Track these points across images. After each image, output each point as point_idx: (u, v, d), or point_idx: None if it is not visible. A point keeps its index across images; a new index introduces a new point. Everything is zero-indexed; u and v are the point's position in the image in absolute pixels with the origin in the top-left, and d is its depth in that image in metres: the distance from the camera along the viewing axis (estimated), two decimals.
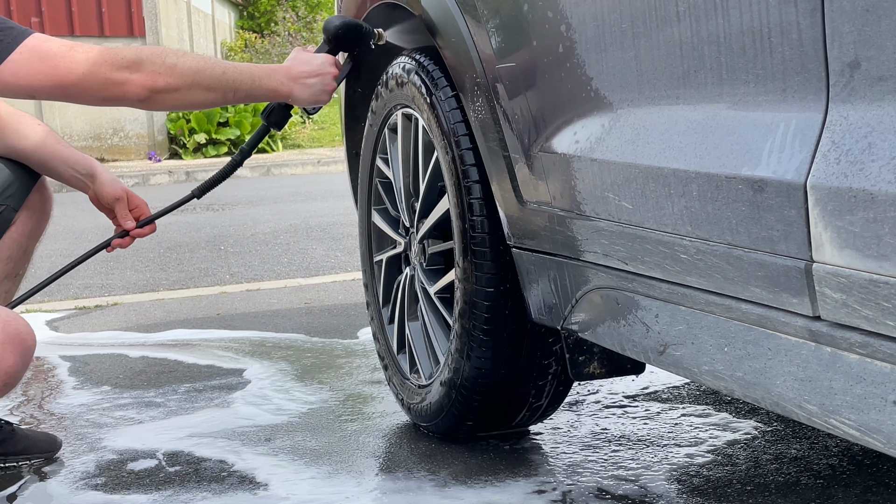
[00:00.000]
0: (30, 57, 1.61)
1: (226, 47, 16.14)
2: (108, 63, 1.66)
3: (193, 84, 1.73)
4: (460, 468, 1.80)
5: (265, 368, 2.55)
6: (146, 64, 1.68)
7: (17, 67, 1.61)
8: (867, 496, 1.59)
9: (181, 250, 4.76)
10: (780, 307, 1.05)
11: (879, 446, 0.96)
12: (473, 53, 1.64)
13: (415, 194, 1.96)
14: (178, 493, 1.75)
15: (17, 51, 1.60)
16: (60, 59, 1.63)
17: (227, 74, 1.77)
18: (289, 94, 1.85)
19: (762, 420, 1.96)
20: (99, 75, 1.66)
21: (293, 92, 1.85)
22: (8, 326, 1.58)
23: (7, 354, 1.56)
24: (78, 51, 1.66)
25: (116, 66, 1.67)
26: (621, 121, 1.31)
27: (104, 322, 3.28)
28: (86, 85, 1.67)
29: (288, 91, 1.84)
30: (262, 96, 1.84)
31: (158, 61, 1.70)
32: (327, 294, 3.60)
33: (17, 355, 1.58)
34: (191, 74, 1.72)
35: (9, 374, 1.58)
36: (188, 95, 1.74)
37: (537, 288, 1.59)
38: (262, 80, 1.80)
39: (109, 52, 1.68)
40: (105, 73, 1.66)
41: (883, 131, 0.91)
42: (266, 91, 1.82)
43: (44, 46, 1.63)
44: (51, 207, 2.01)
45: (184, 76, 1.72)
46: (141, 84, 1.68)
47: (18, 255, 1.95)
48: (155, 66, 1.69)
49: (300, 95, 1.86)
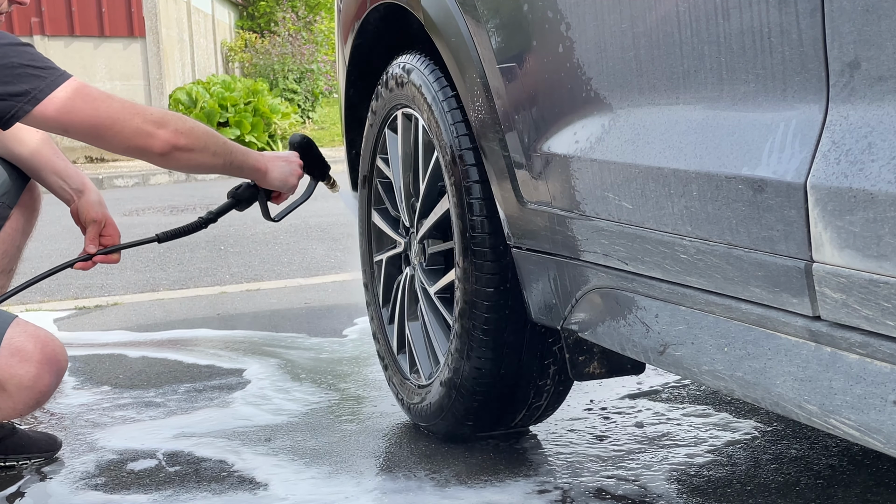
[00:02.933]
0: (74, 96, 1.72)
1: (226, 47, 16.14)
2: (141, 115, 1.78)
3: (205, 148, 1.87)
4: (460, 468, 1.80)
5: (265, 368, 2.55)
6: (170, 123, 1.81)
7: (62, 104, 1.71)
8: (867, 496, 1.59)
9: (181, 250, 4.75)
10: (780, 307, 1.05)
11: (879, 446, 0.96)
12: (473, 53, 1.63)
13: (415, 194, 1.96)
14: (178, 493, 1.75)
15: (63, 88, 1.71)
16: (101, 102, 1.75)
17: (227, 144, 1.93)
18: (265, 171, 2.01)
19: (762, 420, 1.96)
20: (133, 124, 1.77)
21: (268, 169, 2.01)
22: (46, 347, 1.71)
23: (44, 374, 1.70)
24: (115, 99, 1.79)
25: (147, 119, 1.79)
26: (621, 121, 1.31)
27: (104, 322, 3.28)
28: (119, 129, 1.77)
29: (265, 167, 1.99)
30: (248, 169, 1.98)
31: (180, 123, 1.83)
32: (327, 294, 3.60)
33: (52, 375, 1.72)
34: (203, 139, 1.86)
35: (43, 394, 1.72)
36: (199, 157, 1.87)
37: (537, 288, 1.59)
38: (249, 155, 1.97)
39: (140, 106, 1.83)
40: (138, 122, 1.77)
41: (883, 131, 0.91)
42: (251, 165, 1.97)
43: (86, 90, 1.75)
44: (40, 205, 2.08)
45: (199, 139, 1.85)
46: (165, 140, 1.79)
47: (12, 251, 2.01)
48: (177, 126, 1.81)
49: (273, 174, 2.02)
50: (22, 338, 1.69)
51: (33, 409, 1.74)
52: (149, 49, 11.40)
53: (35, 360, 1.69)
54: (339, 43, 2.40)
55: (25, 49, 1.71)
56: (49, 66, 1.72)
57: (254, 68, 14.99)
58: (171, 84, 11.85)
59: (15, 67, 1.67)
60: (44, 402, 1.75)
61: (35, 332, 1.73)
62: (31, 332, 1.72)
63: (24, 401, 1.70)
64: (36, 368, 1.69)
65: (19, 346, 1.68)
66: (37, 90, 1.68)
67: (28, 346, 1.69)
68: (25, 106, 1.68)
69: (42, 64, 1.71)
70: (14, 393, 1.68)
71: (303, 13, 17.29)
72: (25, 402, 1.71)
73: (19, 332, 1.70)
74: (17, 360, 1.67)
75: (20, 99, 1.67)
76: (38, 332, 1.73)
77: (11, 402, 1.70)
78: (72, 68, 11.48)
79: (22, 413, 1.74)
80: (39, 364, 1.69)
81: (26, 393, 1.69)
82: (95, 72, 11.22)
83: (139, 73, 11.45)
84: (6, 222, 1.97)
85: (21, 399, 1.69)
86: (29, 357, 1.68)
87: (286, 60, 14.66)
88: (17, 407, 1.71)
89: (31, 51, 1.72)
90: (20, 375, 1.67)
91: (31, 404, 1.72)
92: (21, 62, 1.68)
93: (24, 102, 1.68)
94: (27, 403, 1.71)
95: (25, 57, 1.69)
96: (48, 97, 1.69)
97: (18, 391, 1.68)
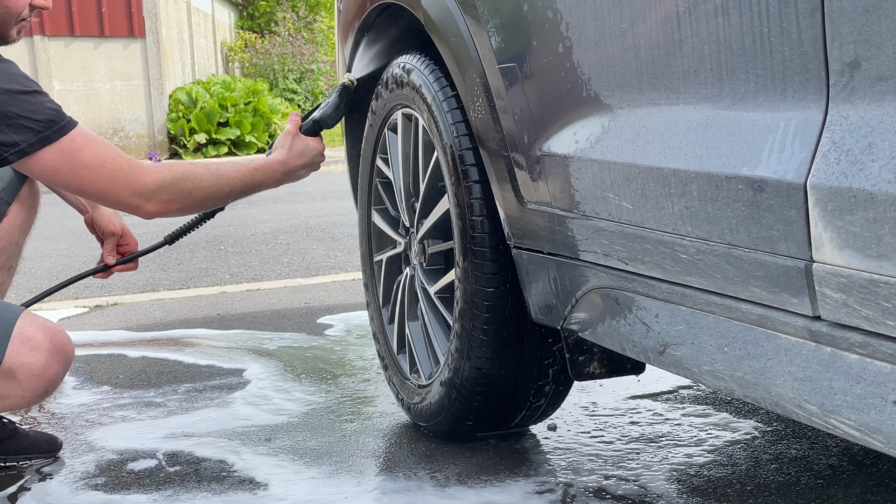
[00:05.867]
0: (62, 161, 1.72)
1: (226, 47, 16.14)
2: (129, 188, 1.77)
3: (200, 206, 1.89)
4: (460, 468, 1.80)
5: (265, 368, 2.55)
6: (163, 194, 1.80)
7: (47, 165, 1.71)
8: (867, 496, 1.59)
9: (181, 250, 4.75)
10: (780, 307, 1.05)
11: (879, 446, 0.96)
12: (473, 53, 1.64)
13: (415, 194, 1.96)
14: (178, 493, 1.75)
15: (53, 148, 1.70)
16: (88, 172, 1.73)
17: (232, 192, 1.90)
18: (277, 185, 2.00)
19: (762, 420, 1.96)
20: (117, 195, 1.78)
21: (281, 184, 1.99)
22: (55, 337, 1.75)
23: (53, 363, 1.73)
24: (107, 168, 1.75)
25: (135, 192, 1.78)
26: (621, 121, 1.31)
27: (104, 322, 3.28)
28: (102, 197, 1.80)
29: (276, 185, 1.98)
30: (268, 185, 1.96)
31: (175, 190, 1.81)
32: (327, 294, 3.60)
33: (60, 364, 1.75)
34: (200, 200, 1.86)
35: (51, 382, 1.75)
36: (193, 212, 1.92)
37: (537, 288, 1.59)
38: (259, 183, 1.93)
39: (134, 176, 1.77)
40: (123, 196, 1.78)
41: (883, 131, 0.91)
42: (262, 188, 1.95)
43: (77, 157, 1.72)
44: (38, 202, 2.09)
45: (194, 201, 1.85)
46: (151, 211, 1.81)
47: (11, 248, 2.03)
48: (171, 196, 1.81)
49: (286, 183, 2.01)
50: (32, 328, 1.73)
51: (41, 398, 1.76)
52: (149, 49, 11.40)
53: (45, 349, 1.72)
54: (339, 43, 2.41)
55: (28, 98, 1.68)
56: (49, 118, 1.69)
57: (254, 68, 15.00)
58: (171, 84, 11.85)
59: (11, 118, 1.66)
60: (51, 391, 1.77)
61: (44, 323, 1.76)
62: (41, 323, 1.75)
63: (33, 388, 1.72)
64: (45, 357, 1.72)
65: (29, 336, 1.71)
66: (26, 143, 1.68)
67: (38, 336, 1.72)
68: (11, 157, 1.68)
69: (41, 116, 1.69)
70: (24, 381, 1.71)
71: (303, 13, 17.29)
72: (34, 391, 1.73)
73: (29, 322, 1.73)
74: (28, 348, 1.70)
75: (6, 149, 1.67)
76: (46, 323, 1.76)
77: (21, 391, 1.72)
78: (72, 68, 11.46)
79: (31, 402, 1.76)
80: (49, 353, 1.72)
81: (35, 381, 1.72)
82: (95, 72, 11.22)
83: (139, 73, 11.45)
84: (5, 218, 1.98)
85: (30, 387, 1.72)
86: (39, 346, 1.71)
87: (286, 60, 14.67)
88: (27, 395, 1.73)
89: (34, 99, 1.69)
90: (30, 363, 1.70)
91: (40, 392, 1.74)
92: (18, 112, 1.67)
93: (10, 153, 1.68)
94: (36, 391, 1.73)
95: (24, 107, 1.67)
96: (37, 154, 1.69)
97: (28, 379, 1.71)
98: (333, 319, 3.14)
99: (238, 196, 1.91)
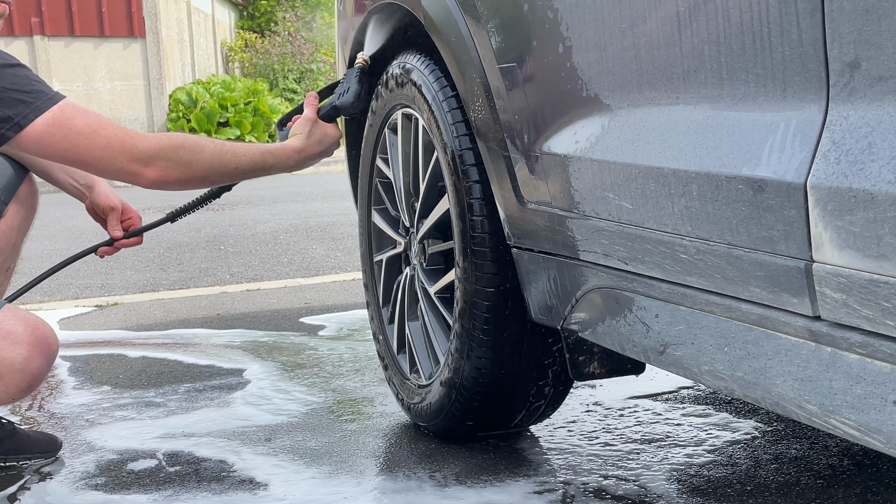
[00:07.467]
0: (54, 131, 1.68)
1: (226, 47, 16.14)
2: (126, 154, 1.72)
3: (203, 180, 1.83)
4: (460, 468, 1.80)
5: (265, 368, 2.55)
6: (161, 159, 1.75)
7: (41, 138, 1.68)
8: (867, 496, 1.59)
9: (181, 250, 4.76)
10: (780, 307, 1.05)
11: (879, 446, 0.96)
12: (473, 53, 1.64)
13: (415, 194, 1.96)
14: (178, 493, 1.75)
15: (43, 121, 1.67)
16: (83, 139, 1.69)
17: (238, 169, 1.85)
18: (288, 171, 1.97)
19: (762, 420, 1.96)
20: (114, 163, 1.73)
21: (293, 170, 1.97)
22: (36, 330, 1.71)
23: (35, 356, 1.69)
24: (101, 134, 1.72)
25: (132, 157, 1.73)
26: (621, 121, 1.31)
27: (104, 322, 3.28)
28: (100, 167, 1.75)
29: (288, 171, 1.95)
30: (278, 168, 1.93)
31: (175, 157, 1.76)
32: (327, 294, 3.60)
33: (43, 358, 1.71)
34: (202, 172, 1.80)
35: (35, 376, 1.71)
36: (196, 186, 1.85)
37: (537, 288, 1.59)
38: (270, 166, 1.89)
39: (130, 141, 1.74)
40: (120, 162, 1.73)
41: (883, 131, 0.91)
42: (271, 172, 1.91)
43: (69, 124, 1.69)
44: (37, 201, 2.07)
45: (195, 173, 1.80)
46: (151, 178, 1.76)
47: (8, 249, 2.01)
48: (169, 163, 1.76)
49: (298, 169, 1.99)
50: (12, 321, 1.69)
51: (25, 393, 1.72)
52: (149, 49, 11.41)
53: (26, 343, 1.68)
54: (339, 43, 2.41)
55: (12, 71, 1.66)
56: (37, 88, 1.68)
57: (254, 68, 15.00)
58: (171, 84, 11.85)
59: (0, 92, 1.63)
60: (35, 386, 1.73)
61: (25, 316, 1.72)
62: (21, 317, 1.71)
63: (16, 384, 1.69)
64: (27, 350, 1.68)
65: (10, 330, 1.68)
66: (20, 116, 1.65)
67: (18, 329, 1.69)
68: (8, 132, 1.65)
69: (29, 87, 1.66)
70: (6, 376, 1.68)
71: (303, 13, 17.30)
72: (17, 386, 1.70)
73: (9, 316, 1.70)
74: (8, 342, 1.67)
75: (3, 125, 1.64)
76: (27, 316, 1.73)
77: (3, 386, 1.69)
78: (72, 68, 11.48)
79: (14, 397, 1.73)
80: (30, 346, 1.68)
81: (17, 376, 1.68)
82: (95, 72, 11.23)
83: (139, 73, 11.46)
84: (2, 219, 1.96)
85: (13, 382, 1.69)
86: (19, 340, 1.68)
87: (286, 60, 14.67)
88: (10, 391, 1.70)
89: (18, 72, 1.67)
90: (11, 358, 1.67)
91: (24, 387, 1.71)
92: (6, 86, 1.64)
93: (7, 129, 1.65)
94: (19, 387, 1.70)
95: (9, 80, 1.65)
96: (29, 126, 1.65)
97: (10, 374, 1.67)
98: (334, 319, 3.14)
99: (245, 176, 1.87)
